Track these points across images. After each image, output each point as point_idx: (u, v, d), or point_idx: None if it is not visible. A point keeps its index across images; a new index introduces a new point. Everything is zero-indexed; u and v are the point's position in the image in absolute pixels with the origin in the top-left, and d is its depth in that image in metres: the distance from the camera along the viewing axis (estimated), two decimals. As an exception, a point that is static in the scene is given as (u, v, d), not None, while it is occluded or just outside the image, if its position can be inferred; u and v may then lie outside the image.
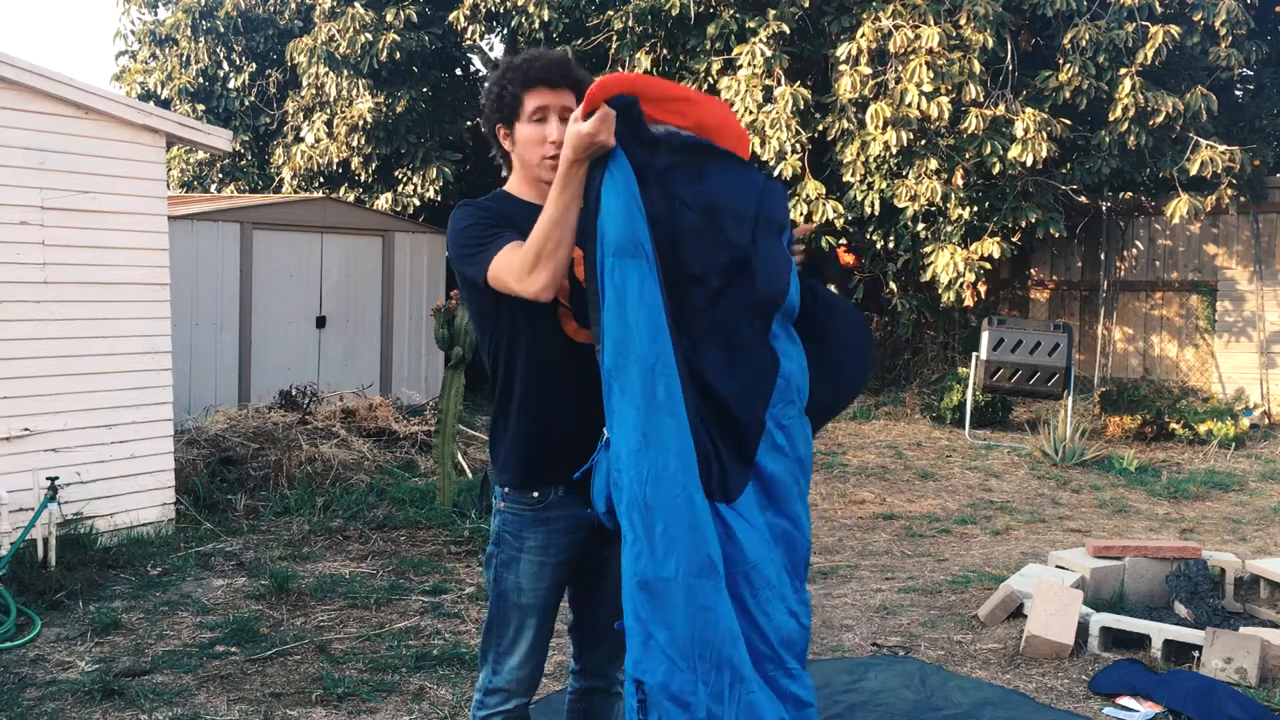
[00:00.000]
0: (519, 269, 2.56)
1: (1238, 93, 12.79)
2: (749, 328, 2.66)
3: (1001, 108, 10.65)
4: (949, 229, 11.09)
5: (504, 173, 2.90)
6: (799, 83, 11.17)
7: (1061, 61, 10.92)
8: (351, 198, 13.59)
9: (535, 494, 2.78)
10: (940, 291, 11.22)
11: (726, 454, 2.61)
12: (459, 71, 14.84)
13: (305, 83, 13.59)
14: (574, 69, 2.80)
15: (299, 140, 13.95)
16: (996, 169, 10.62)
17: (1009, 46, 10.99)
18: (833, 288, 14.52)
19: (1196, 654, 4.74)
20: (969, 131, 10.47)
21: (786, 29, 10.97)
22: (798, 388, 2.73)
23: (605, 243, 2.50)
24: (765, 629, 2.58)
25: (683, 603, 2.45)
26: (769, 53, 10.86)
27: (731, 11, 11.42)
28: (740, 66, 11.06)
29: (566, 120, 2.70)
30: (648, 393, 2.47)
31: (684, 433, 2.49)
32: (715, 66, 11.46)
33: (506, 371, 2.80)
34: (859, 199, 11.28)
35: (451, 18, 12.60)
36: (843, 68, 10.82)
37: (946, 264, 10.87)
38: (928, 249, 11.28)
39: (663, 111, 2.66)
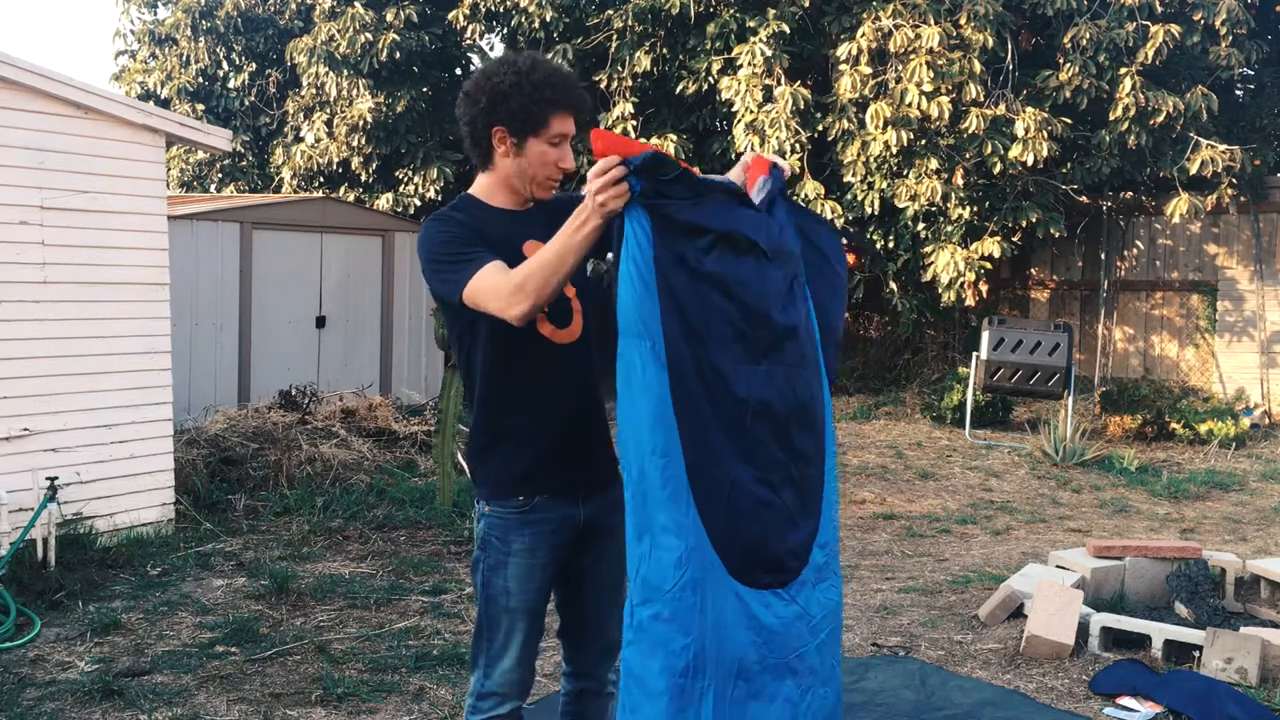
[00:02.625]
0: (505, 293, 2.51)
1: (1238, 92, 12.79)
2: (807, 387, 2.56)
3: (1002, 107, 10.64)
4: (949, 229, 11.08)
5: (480, 171, 2.81)
6: (799, 82, 11.16)
7: (1062, 61, 10.91)
8: (351, 198, 13.59)
9: (520, 497, 2.77)
10: (940, 291, 11.22)
11: (790, 531, 2.50)
12: (459, 71, 14.83)
13: (305, 82, 13.59)
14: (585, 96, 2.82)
15: (299, 140, 13.95)
16: (997, 169, 10.62)
17: (1009, 46, 10.99)
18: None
19: (1197, 654, 4.73)
20: (969, 131, 10.46)
21: (786, 29, 10.97)
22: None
23: (618, 318, 2.40)
24: (804, 718, 2.52)
25: (664, 702, 2.37)
26: (769, 52, 10.85)
27: (731, 11, 11.42)
28: (740, 66, 11.05)
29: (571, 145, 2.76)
30: (642, 482, 2.37)
31: (690, 524, 2.36)
32: (715, 66, 11.45)
33: (487, 380, 2.77)
34: (859, 199, 11.27)
35: (451, 17, 12.59)
36: (843, 67, 10.81)
37: (947, 264, 10.87)
38: (928, 249, 11.27)
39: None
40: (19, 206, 6.10)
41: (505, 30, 13.15)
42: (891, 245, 11.85)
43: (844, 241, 2.71)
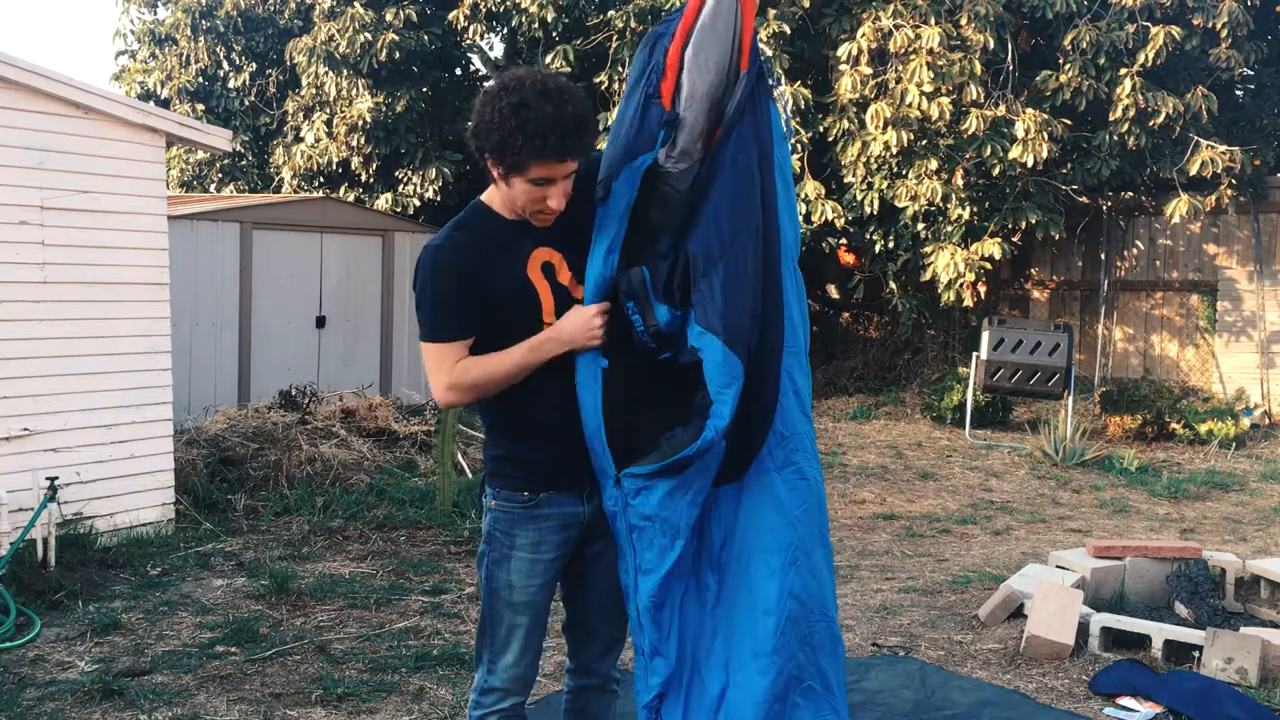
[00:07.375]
0: (445, 382, 2.72)
1: (1238, 93, 12.79)
2: None
3: (1002, 108, 10.64)
4: (949, 229, 11.08)
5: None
6: (799, 82, 11.17)
7: (1062, 62, 10.91)
8: (351, 198, 13.59)
9: (525, 492, 2.79)
10: (940, 291, 11.22)
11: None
12: (459, 71, 14.84)
13: (305, 82, 13.58)
14: (588, 132, 2.65)
15: (299, 140, 13.94)
16: (996, 170, 10.62)
17: (1009, 47, 10.98)
18: (832, 290, 14.59)
19: (1197, 654, 4.73)
20: (969, 132, 10.46)
21: (787, 29, 10.97)
22: None
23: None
24: None
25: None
26: (769, 53, 10.85)
27: (732, 11, 11.40)
28: (740, 66, 11.03)
29: (568, 184, 2.66)
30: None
31: None
32: (715, 66, 11.43)
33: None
34: (859, 199, 11.27)
35: (451, 17, 12.59)
36: (843, 68, 10.81)
37: (946, 264, 10.87)
38: (928, 249, 11.27)
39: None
40: (19, 206, 6.10)
41: (505, 30, 13.15)
42: (891, 245, 11.85)
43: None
